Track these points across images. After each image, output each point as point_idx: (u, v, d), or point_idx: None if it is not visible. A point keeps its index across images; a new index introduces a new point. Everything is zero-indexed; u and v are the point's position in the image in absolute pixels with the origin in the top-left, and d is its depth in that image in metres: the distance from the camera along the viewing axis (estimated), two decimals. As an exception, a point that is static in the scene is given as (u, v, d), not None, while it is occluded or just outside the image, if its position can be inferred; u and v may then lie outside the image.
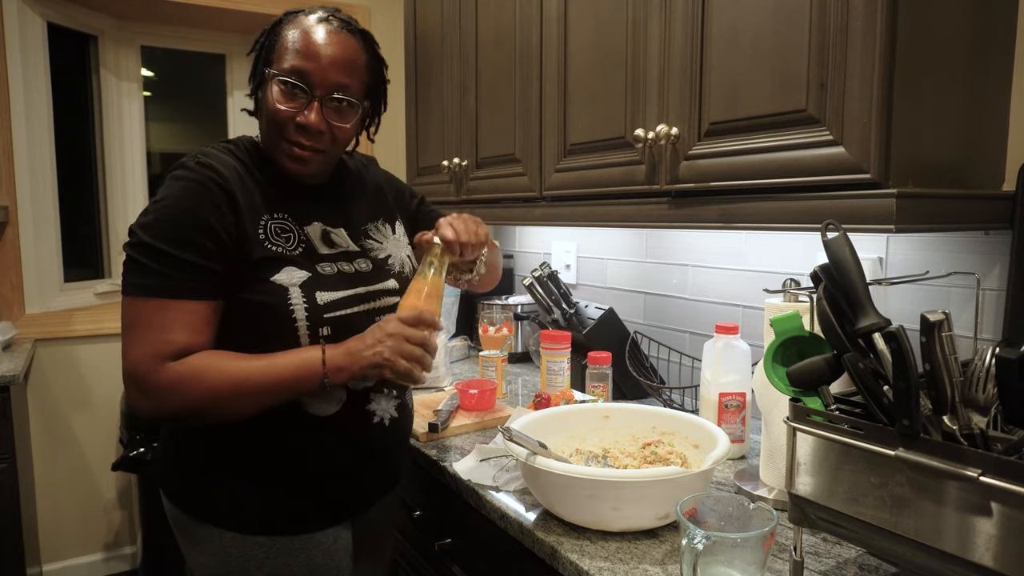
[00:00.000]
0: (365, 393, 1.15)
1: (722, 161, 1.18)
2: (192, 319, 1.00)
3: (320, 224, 1.15)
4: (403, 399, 1.23)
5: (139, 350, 0.98)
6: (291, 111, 1.05)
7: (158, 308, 0.98)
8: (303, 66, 1.04)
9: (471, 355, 2.32)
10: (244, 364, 1.00)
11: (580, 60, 1.52)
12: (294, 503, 1.11)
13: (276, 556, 1.10)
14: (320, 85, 1.05)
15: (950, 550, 0.68)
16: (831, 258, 0.80)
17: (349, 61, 1.07)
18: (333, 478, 1.14)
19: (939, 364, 0.69)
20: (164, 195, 1.02)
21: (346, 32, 1.08)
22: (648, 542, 1.04)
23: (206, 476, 1.10)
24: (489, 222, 1.95)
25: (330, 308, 1.08)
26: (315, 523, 1.13)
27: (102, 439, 2.74)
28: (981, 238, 1.19)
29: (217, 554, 1.09)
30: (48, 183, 2.66)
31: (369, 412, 1.16)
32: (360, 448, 1.16)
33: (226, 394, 0.99)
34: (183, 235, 0.98)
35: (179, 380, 0.97)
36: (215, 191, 1.01)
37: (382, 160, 1.49)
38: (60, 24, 2.67)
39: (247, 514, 1.09)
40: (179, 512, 1.13)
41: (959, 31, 1.06)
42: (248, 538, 1.09)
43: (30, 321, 2.57)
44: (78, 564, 2.73)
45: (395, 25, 2.96)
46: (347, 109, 1.09)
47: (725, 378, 1.38)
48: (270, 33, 1.10)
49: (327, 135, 1.08)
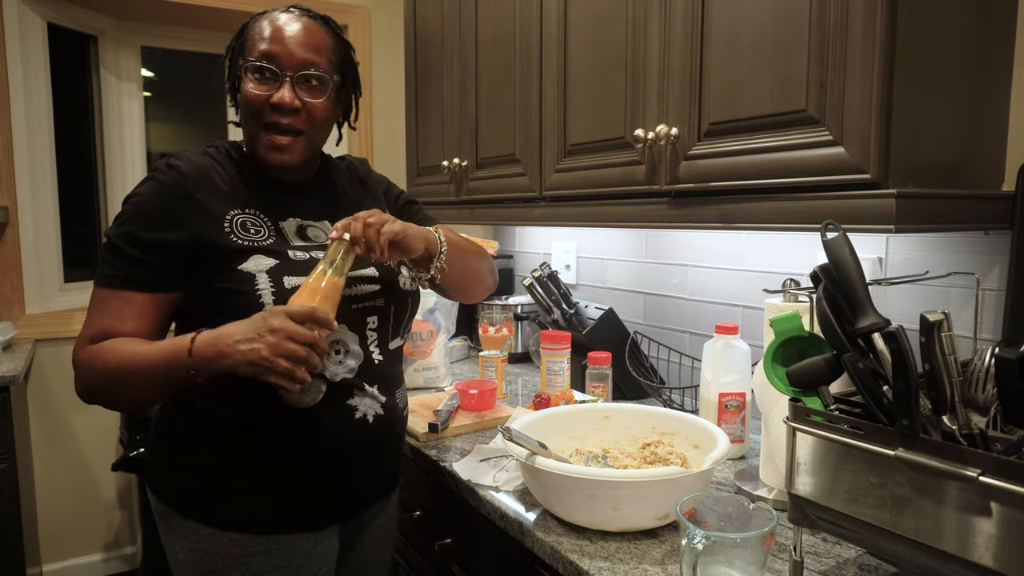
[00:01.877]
0: (348, 388, 1.14)
1: (722, 161, 1.18)
2: (126, 308, 1.05)
3: (297, 220, 1.17)
4: (392, 398, 1.21)
5: (80, 334, 1.06)
6: (264, 94, 1.10)
7: (101, 297, 1.07)
8: (270, 49, 1.10)
9: (471, 355, 2.32)
10: (134, 347, 1.03)
11: (580, 60, 1.52)
12: (271, 500, 1.10)
13: (252, 555, 1.10)
14: (289, 66, 1.10)
15: (950, 550, 0.68)
16: (831, 258, 0.80)
17: (314, 40, 1.12)
18: (313, 475, 1.12)
19: (939, 364, 0.69)
20: (132, 194, 1.10)
21: (308, 17, 1.14)
22: (648, 542, 1.04)
23: (186, 470, 1.12)
24: (489, 222, 1.95)
25: None
26: (295, 524, 1.12)
27: (102, 439, 2.74)
28: (981, 238, 1.19)
29: (194, 549, 1.10)
30: (48, 183, 2.65)
31: (350, 407, 1.14)
32: (341, 444, 1.13)
33: (114, 376, 1.02)
34: (133, 231, 1.05)
35: (87, 360, 1.04)
36: (174, 192, 1.07)
37: (382, 160, 1.49)
38: (60, 24, 2.67)
39: (223, 510, 1.10)
40: (162, 506, 1.14)
41: (959, 31, 1.06)
42: (224, 534, 1.09)
43: (30, 321, 2.57)
44: (78, 564, 2.73)
45: (395, 25, 2.96)
46: (318, 86, 1.13)
47: (725, 378, 1.38)
48: (238, 37, 1.16)
49: (303, 113, 1.12)
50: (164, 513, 1.14)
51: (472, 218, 2.00)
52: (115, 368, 1.02)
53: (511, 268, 2.58)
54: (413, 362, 1.88)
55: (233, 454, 1.10)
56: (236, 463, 1.10)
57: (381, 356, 1.19)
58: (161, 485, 1.16)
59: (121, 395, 1.06)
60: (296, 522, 1.13)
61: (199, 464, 1.11)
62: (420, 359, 1.89)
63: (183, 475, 1.12)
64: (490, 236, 2.71)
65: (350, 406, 1.14)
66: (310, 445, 1.11)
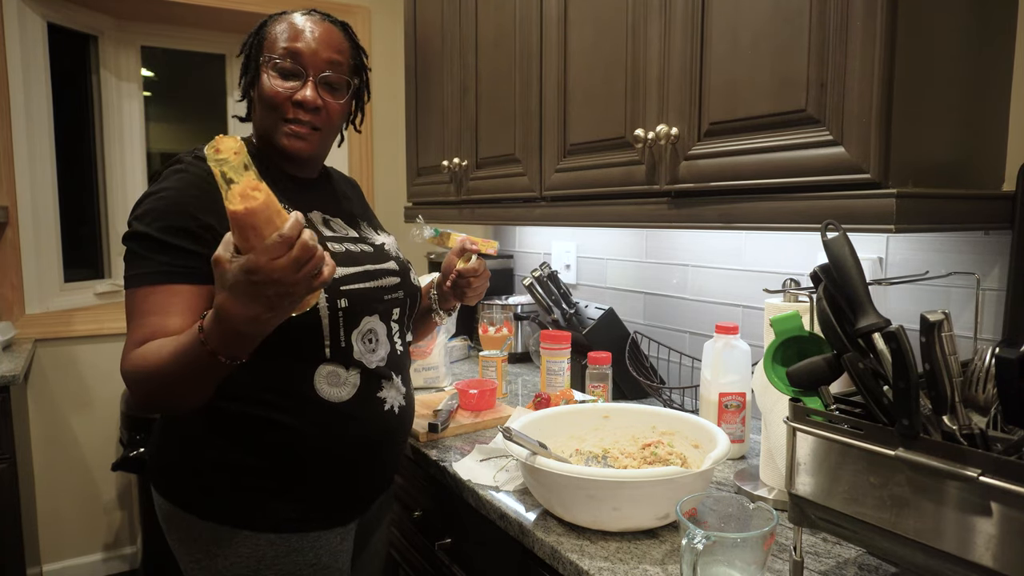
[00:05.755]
0: (378, 379, 1.15)
1: (722, 161, 1.18)
2: (173, 301, 0.99)
3: (320, 212, 1.20)
4: (409, 389, 1.24)
5: (126, 341, 1.00)
6: (288, 91, 1.11)
7: (142, 296, 1.00)
8: (295, 48, 1.11)
9: (471, 355, 2.32)
10: (168, 342, 0.94)
11: (580, 60, 1.52)
12: (304, 499, 1.10)
13: (284, 555, 1.09)
14: (312, 64, 1.12)
15: (950, 550, 0.68)
16: (831, 258, 0.80)
17: (336, 42, 1.16)
18: (346, 470, 1.13)
19: (939, 364, 0.69)
20: (158, 187, 1.06)
21: (328, 21, 1.17)
22: (648, 542, 1.04)
23: (208, 473, 1.08)
24: (489, 222, 1.95)
25: (346, 281, 1.11)
26: (326, 521, 1.13)
27: (102, 439, 2.74)
28: (981, 238, 1.19)
29: (220, 554, 1.08)
30: (48, 183, 2.66)
31: (380, 400, 1.16)
32: (373, 437, 1.15)
33: (156, 375, 0.94)
34: (172, 222, 1.01)
35: (133, 365, 0.97)
36: (211, 181, 0.99)
37: (382, 160, 1.50)
38: (60, 24, 2.68)
39: (255, 512, 1.08)
40: (176, 510, 1.11)
41: (959, 31, 1.06)
42: (258, 536, 1.08)
43: (30, 321, 2.57)
44: (78, 564, 2.73)
45: (395, 25, 2.96)
46: (339, 86, 1.16)
47: (725, 378, 1.38)
48: (257, 33, 1.17)
49: (323, 111, 1.14)
50: (178, 518, 1.11)
51: (472, 218, 2.00)
52: (156, 365, 0.94)
53: (511, 268, 2.58)
54: (413, 362, 1.88)
55: (263, 454, 1.08)
56: (267, 464, 1.08)
57: (402, 347, 1.23)
58: (176, 489, 1.12)
59: (169, 396, 0.98)
60: (328, 519, 1.13)
61: (223, 467, 1.08)
62: (420, 359, 1.89)
63: (205, 479, 1.09)
64: (490, 236, 2.71)
65: (380, 399, 1.16)
66: (343, 440, 1.11)
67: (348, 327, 1.11)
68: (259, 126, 1.17)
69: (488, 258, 1.40)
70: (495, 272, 2.49)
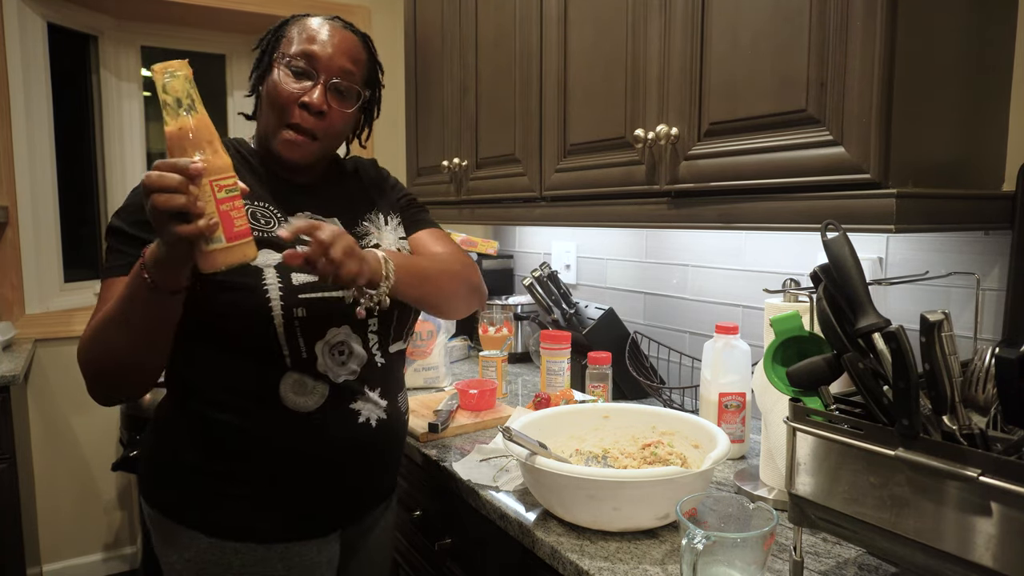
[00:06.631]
0: (350, 391, 1.12)
1: (722, 161, 1.18)
2: None
3: (307, 215, 1.17)
4: (394, 402, 1.20)
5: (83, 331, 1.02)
6: (297, 91, 1.10)
7: (110, 285, 1.03)
8: (311, 50, 1.10)
9: (471, 355, 2.32)
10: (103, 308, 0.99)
11: (580, 60, 1.52)
12: (271, 508, 1.09)
13: (252, 565, 1.08)
14: (326, 69, 1.10)
15: (950, 550, 0.68)
16: (831, 258, 0.80)
17: (353, 51, 1.14)
18: (315, 481, 1.11)
19: (939, 364, 0.69)
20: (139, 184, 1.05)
21: (349, 31, 1.16)
22: (648, 542, 1.04)
23: (182, 476, 1.09)
24: (489, 222, 1.95)
25: (305, 289, 1.07)
26: (296, 532, 1.11)
27: (102, 439, 2.74)
28: (981, 238, 1.19)
29: (191, 559, 1.08)
30: (48, 183, 2.66)
31: (353, 411, 1.13)
32: (344, 449, 1.12)
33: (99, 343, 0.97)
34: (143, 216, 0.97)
35: (82, 339, 1.00)
36: None
37: (382, 160, 1.50)
38: (60, 24, 2.68)
39: (222, 518, 1.08)
40: (155, 513, 1.12)
41: (959, 31, 1.06)
42: (224, 544, 1.07)
43: (30, 321, 2.57)
44: (78, 564, 2.73)
45: (395, 25, 2.96)
46: (348, 94, 1.14)
47: (725, 378, 1.38)
48: (276, 31, 1.16)
49: (327, 117, 1.12)
50: (157, 520, 1.12)
51: (472, 218, 2.00)
52: (94, 333, 0.97)
53: (511, 268, 2.58)
54: (413, 362, 1.88)
55: (232, 460, 1.07)
56: (235, 469, 1.08)
57: (383, 359, 1.18)
58: (155, 492, 1.13)
59: (113, 362, 0.98)
60: (297, 530, 1.11)
61: (195, 470, 1.08)
62: (420, 359, 1.89)
63: (179, 481, 1.09)
64: (490, 236, 2.71)
65: (352, 410, 1.13)
66: (312, 450, 1.09)
67: (310, 337, 1.07)
68: (261, 125, 1.16)
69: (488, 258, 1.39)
70: (495, 272, 2.50)
